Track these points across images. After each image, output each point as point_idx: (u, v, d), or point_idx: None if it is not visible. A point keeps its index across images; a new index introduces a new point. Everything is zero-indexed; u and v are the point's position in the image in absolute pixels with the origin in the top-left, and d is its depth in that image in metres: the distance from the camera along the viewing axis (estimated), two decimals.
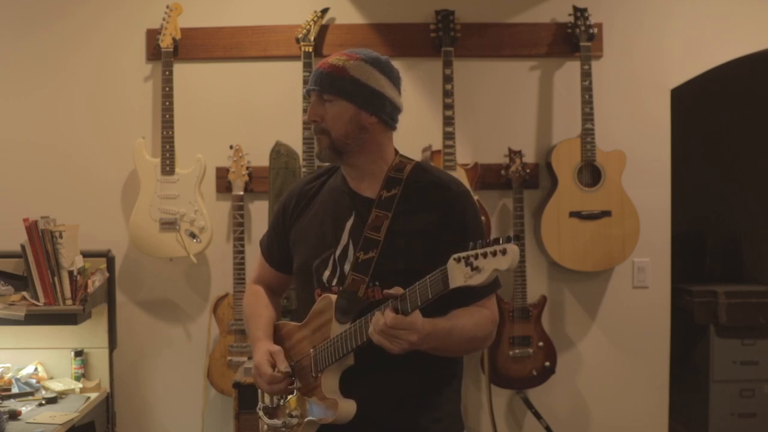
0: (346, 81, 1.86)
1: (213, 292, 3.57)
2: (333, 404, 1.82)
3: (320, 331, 1.89)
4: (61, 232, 3.08)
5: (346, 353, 1.80)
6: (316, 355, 1.87)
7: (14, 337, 3.28)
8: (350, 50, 1.94)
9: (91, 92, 3.59)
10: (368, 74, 1.89)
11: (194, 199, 3.42)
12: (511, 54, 3.58)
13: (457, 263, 1.56)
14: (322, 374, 1.86)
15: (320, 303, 1.90)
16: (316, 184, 2.04)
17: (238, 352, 3.39)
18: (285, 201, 2.08)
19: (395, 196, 1.88)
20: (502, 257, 1.50)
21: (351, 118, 1.88)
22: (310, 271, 1.94)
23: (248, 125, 3.56)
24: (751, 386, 4.21)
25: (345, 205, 1.93)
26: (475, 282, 1.53)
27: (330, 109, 1.88)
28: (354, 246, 1.88)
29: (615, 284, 3.61)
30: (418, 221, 1.87)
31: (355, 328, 1.78)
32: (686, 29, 3.58)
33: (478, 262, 1.53)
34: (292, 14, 3.52)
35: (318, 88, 1.89)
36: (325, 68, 1.89)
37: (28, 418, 2.80)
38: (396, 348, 1.68)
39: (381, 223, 1.86)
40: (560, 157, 3.43)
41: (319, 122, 1.90)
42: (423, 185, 1.90)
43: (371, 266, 1.84)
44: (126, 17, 3.57)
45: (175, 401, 3.61)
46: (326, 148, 1.90)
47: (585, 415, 3.64)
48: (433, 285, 1.61)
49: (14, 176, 3.58)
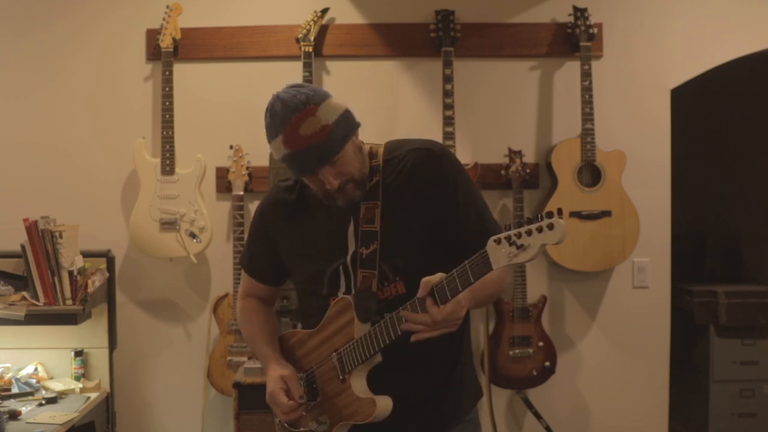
0: (336, 131, 1.78)
1: (213, 292, 3.57)
2: (370, 403, 1.82)
3: (341, 333, 1.87)
4: (61, 232, 3.08)
5: (376, 352, 1.79)
6: (341, 357, 1.86)
7: (14, 337, 3.28)
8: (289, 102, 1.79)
9: (91, 92, 3.59)
10: (331, 107, 1.80)
11: (194, 199, 3.42)
12: (511, 54, 3.58)
13: (498, 244, 1.55)
14: (350, 375, 1.84)
15: (336, 306, 1.88)
16: (294, 193, 1.97)
17: (238, 352, 3.39)
18: (263, 216, 2.02)
19: (378, 183, 1.87)
20: (549, 232, 1.49)
21: (355, 150, 1.85)
22: (321, 284, 1.91)
23: (248, 125, 3.56)
24: (751, 386, 4.21)
25: (339, 212, 1.89)
26: (522, 259, 1.52)
27: (342, 163, 1.81)
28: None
29: (615, 284, 3.61)
30: (407, 197, 1.85)
31: (381, 327, 1.77)
32: (686, 29, 3.58)
33: (523, 239, 1.51)
34: (292, 14, 3.52)
35: (324, 161, 1.79)
36: (313, 143, 1.76)
37: (28, 418, 2.79)
38: (453, 328, 1.70)
39: (373, 213, 1.85)
40: (560, 157, 3.43)
41: (344, 180, 1.82)
42: (401, 159, 1.88)
43: (376, 258, 1.83)
44: (126, 17, 3.57)
45: (175, 401, 3.61)
46: (355, 191, 1.85)
47: (585, 415, 3.64)
48: (475, 269, 1.59)
49: (14, 176, 3.58)
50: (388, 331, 1.75)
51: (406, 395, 1.85)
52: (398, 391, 1.84)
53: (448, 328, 1.70)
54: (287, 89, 1.85)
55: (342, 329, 1.87)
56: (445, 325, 1.69)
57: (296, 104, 1.78)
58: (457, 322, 1.70)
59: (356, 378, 1.84)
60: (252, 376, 3.17)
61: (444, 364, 1.92)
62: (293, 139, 1.77)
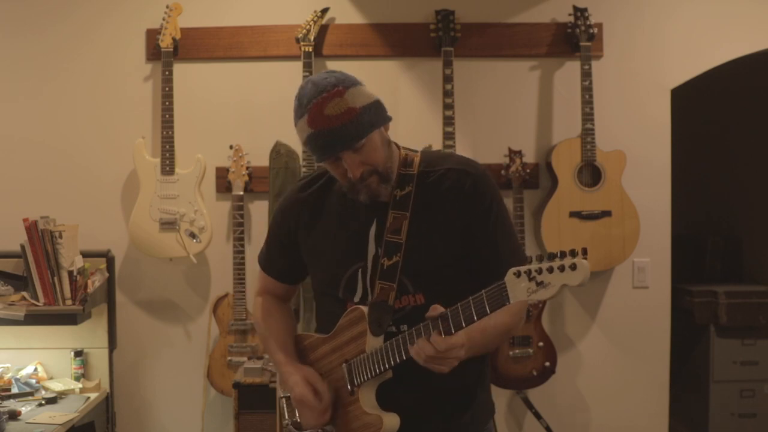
0: (363, 116, 1.74)
1: (213, 292, 3.57)
2: (377, 420, 1.78)
3: (353, 344, 1.83)
4: (60, 232, 3.08)
5: (386, 369, 1.75)
6: (351, 369, 1.82)
7: (14, 337, 3.28)
8: (319, 83, 1.76)
9: (91, 92, 3.59)
10: (361, 93, 1.77)
11: (194, 199, 3.42)
12: (511, 54, 3.58)
13: (518, 278, 1.50)
14: (359, 389, 1.80)
15: (350, 315, 1.84)
16: (315, 190, 1.95)
17: (238, 352, 3.39)
18: (285, 212, 1.98)
19: (410, 194, 1.82)
20: (571, 272, 1.43)
21: (382, 141, 1.80)
22: (338, 287, 1.87)
23: (248, 125, 3.56)
24: (751, 386, 4.21)
25: (362, 213, 1.86)
26: (541, 297, 1.47)
27: (366, 151, 1.77)
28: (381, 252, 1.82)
29: (615, 284, 3.61)
30: (438, 214, 1.81)
31: (393, 345, 1.73)
32: (686, 29, 3.58)
33: (543, 276, 1.46)
34: (292, 14, 3.52)
35: (347, 146, 1.74)
36: (337, 124, 1.72)
37: (28, 418, 2.79)
38: (446, 368, 1.65)
39: (400, 224, 1.80)
40: (560, 157, 3.43)
41: (367, 169, 1.78)
42: (438, 174, 1.83)
43: (397, 271, 1.79)
44: (126, 17, 3.57)
45: (175, 401, 3.60)
46: (378, 185, 1.80)
47: (585, 415, 3.64)
48: (492, 300, 1.55)
49: (14, 176, 3.58)
50: (399, 350, 1.71)
51: (417, 410, 1.82)
52: (409, 406, 1.80)
53: (443, 367, 1.65)
54: (320, 73, 1.81)
55: (354, 340, 1.83)
56: (442, 360, 1.64)
57: (325, 85, 1.75)
58: (453, 362, 1.65)
59: (365, 392, 1.80)
60: (252, 376, 3.17)
61: (460, 379, 1.83)
62: (317, 119, 1.73)
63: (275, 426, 3.07)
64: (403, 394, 1.81)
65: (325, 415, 1.87)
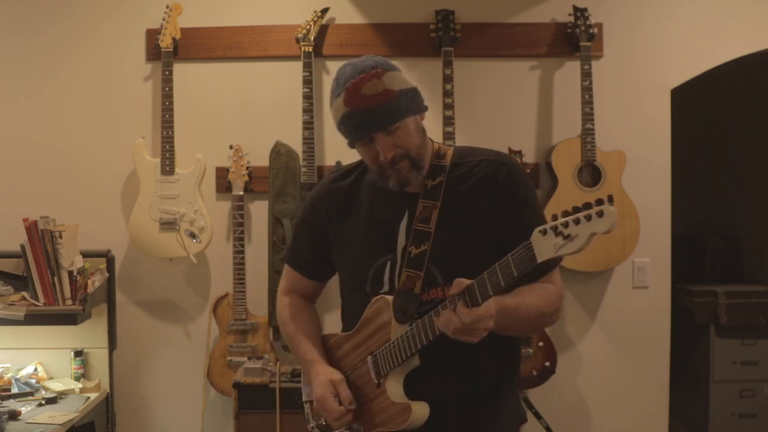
0: (399, 100, 1.75)
1: (213, 292, 3.57)
2: (405, 408, 1.73)
3: (378, 335, 1.80)
4: (60, 232, 3.08)
5: (413, 353, 1.71)
6: (377, 360, 1.79)
7: (14, 337, 3.28)
8: (357, 69, 1.76)
9: (91, 92, 3.59)
10: (399, 78, 1.78)
11: (194, 199, 3.42)
12: (511, 54, 3.58)
13: (544, 235, 1.47)
14: (385, 379, 1.77)
15: (374, 306, 1.81)
16: (345, 183, 1.93)
17: (238, 352, 3.39)
18: (314, 206, 1.96)
19: (441, 184, 1.80)
20: (599, 220, 1.41)
21: (417, 128, 1.80)
22: (365, 280, 1.85)
23: (248, 125, 3.56)
24: (752, 386, 4.21)
25: (395, 205, 1.84)
26: (569, 251, 1.44)
27: (400, 135, 1.76)
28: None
29: (615, 284, 3.61)
30: (469, 205, 1.79)
31: (419, 327, 1.69)
32: (686, 29, 3.58)
33: (570, 229, 1.43)
34: (292, 14, 3.52)
35: (381, 127, 1.74)
36: (373, 104, 1.73)
37: (28, 418, 2.79)
38: (475, 339, 1.61)
39: (430, 213, 1.78)
40: (560, 157, 3.43)
41: (399, 153, 1.77)
42: (470, 166, 1.82)
43: (425, 259, 1.76)
44: (126, 17, 3.57)
45: (175, 401, 3.60)
46: (409, 171, 1.78)
47: (585, 415, 3.64)
48: (518, 262, 1.51)
49: (14, 176, 3.58)
50: (426, 330, 1.67)
51: (445, 405, 1.77)
52: (437, 401, 1.76)
53: (472, 338, 1.60)
54: (360, 57, 1.82)
55: (379, 331, 1.80)
56: (470, 331, 1.59)
57: (363, 67, 1.76)
58: (481, 333, 1.60)
59: (392, 382, 1.76)
60: (252, 376, 3.17)
61: (488, 377, 1.82)
62: (354, 98, 1.73)
63: (275, 426, 3.07)
64: (431, 389, 1.76)
65: (341, 420, 1.83)
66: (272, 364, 3.27)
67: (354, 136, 1.79)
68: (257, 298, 3.50)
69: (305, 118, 3.38)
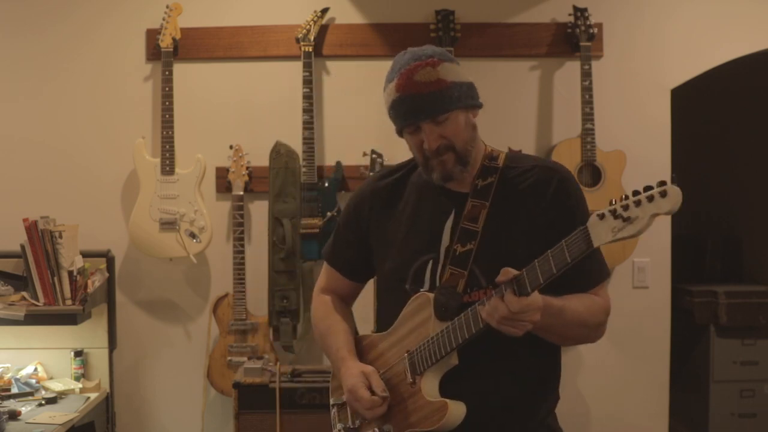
0: (451, 91, 1.72)
1: (213, 292, 3.57)
2: (441, 407, 1.67)
3: (416, 332, 1.75)
4: (60, 232, 3.08)
5: (452, 349, 1.66)
6: (413, 358, 1.74)
7: (14, 337, 3.28)
8: (416, 56, 1.75)
9: (91, 92, 3.59)
10: (455, 71, 1.75)
11: (194, 199, 3.42)
12: (511, 54, 3.58)
13: (601, 219, 1.43)
14: (421, 378, 1.72)
15: (414, 302, 1.76)
16: (390, 181, 1.90)
17: (238, 352, 3.39)
18: (357, 204, 1.94)
19: (492, 184, 1.77)
20: (661, 200, 1.36)
21: (467, 123, 1.76)
22: (404, 279, 1.81)
23: (248, 125, 3.56)
24: (752, 386, 4.21)
25: (441, 203, 1.81)
26: (628, 234, 1.40)
27: (448, 127, 1.73)
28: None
29: (615, 284, 3.60)
30: (519, 208, 1.75)
31: (460, 322, 1.64)
32: (686, 29, 3.58)
33: (630, 211, 1.39)
34: (292, 14, 3.52)
35: (430, 116, 1.72)
36: (422, 90, 1.71)
37: (28, 418, 2.79)
38: (520, 331, 1.56)
39: (478, 213, 1.75)
40: (560, 157, 3.43)
41: (444, 144, 1.74)
42: (523, 170, 1.79)
43: (470, 258, 1.72)
44: (126, 17, 3.57)
45: (175, 401, 3.60)
46: (454, 165, 1.75)
47: (585, 415, 3.64)
48: (572, 247, 1.48)
49: (14, 176, 3.58)
50: (469, 323, 1.63)
51: (483, 408, 1.71)
52: (475, 403, 1.70)
53: (516, 329, 1.56)
54: (422, 46, 1.80)
55: (417, 328, 1.75)
56: (515, 322, 1.55)
57: (420, 54, 1.75)
58: (526, 326, 1.56)
59: (428, 380, 1.71)
60: (252, 376, 3.17)
61: (528, 384, 1.77)
62: (406, 83, 1.72)
63: (275, 426, 3.07)
64: (467, 388, 1.71)
65: (374, 410, 1.76)
66: (272, 364, 3.27)
67: (401, 123, 1.78)
68: (257, 298, 3.50)
69: (305, 118, 3.38)
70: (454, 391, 1.71)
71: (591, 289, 1.76)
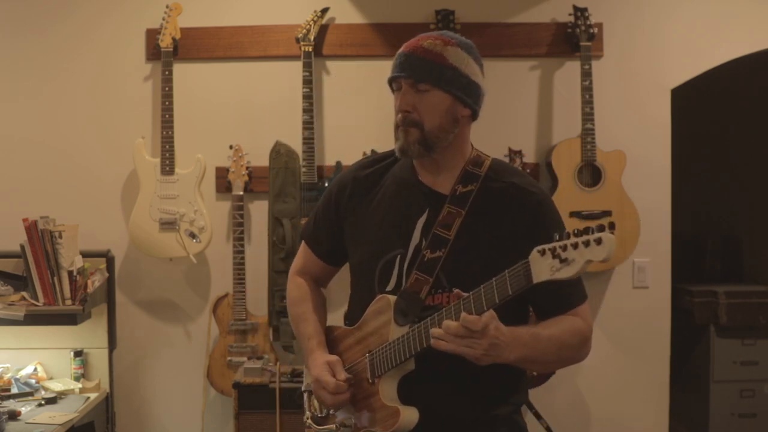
0: (446, 69, 1.71)
1: (213, 292, 3.57)
2: (394, 412, 1.70)
3: (377, 334, 1.77)
4: (60, 232, 3.07)
5: (407, 358, 1.68)
6: (373, 359, 1.76)
7: (14, 337, 3.28)
8: (439, 33, 1.78)
9: (91, 92, 3.59)
10: (465, 62, 1.73)
11: (194, 199, 3.42)
12: (511, 54, 3.58)
13: (542, 255, 1.44)
14: (380, 380, 1.74)
15: (377, 304, 1.78)
16: (373, 171, 1.90)
17: (238, 352, 3.39)
18: (337, 188, 1.93)
19: (471, 193, 1.75)
20: (597, 247, 1.37)
21: (447, 110, 1.74)
22: (373, 271, 1.81)
23: (248, 125, 3.56)
24: (752, 386, 4.21)
25: (417, 200, 1.80)
26: (564, 275, 1.41)
27: (425, 100, 1.72)
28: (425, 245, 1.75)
29: (615, 284, 3.61)
30: (493, 223, 1.74)
31: (417, 331, 1.66)
32: (686, 29, 3.58)
33: (568, 253, 1.40)
34: (292, 14, 3.52)
35: (412, 76, 1.72)
36: (419, 53, 1.72)
37: (28, 419, 2.79)
38: (477, 352, 1.55)
39: (453, 220, 1.73)
40: (560, 157, 3.43)
41: (410, 113, 1.74)
42: (503, 185, 1.77)
43: (437, 266, 1.72)
44: (126, 17, 3.57)
45: (175, 401, 3.60)
46: (415, 142, 1.73)
47: (585, 415, 3.64)
48: (513, 280, 1.48)
49: (14, 176, 3.58)
50: (422, 337, 1.64)
51: (439, 413, 1.72)
52: (430, 408, 1.71)
53: (471, 351, 1.55)
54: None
55: (379, 329, 1.77)
56: (465, 341, 1.54)
57: (446, 33, 1.78)
58: (476, 351, 1.54)
59: (386, 383, 1.73)
60: (252, 376, 3.18)
61: (488, 388, 1.76)
62: (413, 43, 1.76)
63: (275, 426, 3.07)
64: (422, 393, 1.72)
65: (338, 396, 1.78)
66: (272, 364, 3.27)
67: (392, 73, 1.79)
68: (257, 298, 3.50)
69: (305, 118, 3.38)
70: (414, 394, 1.73)
71: (571, 310, 1.75)
